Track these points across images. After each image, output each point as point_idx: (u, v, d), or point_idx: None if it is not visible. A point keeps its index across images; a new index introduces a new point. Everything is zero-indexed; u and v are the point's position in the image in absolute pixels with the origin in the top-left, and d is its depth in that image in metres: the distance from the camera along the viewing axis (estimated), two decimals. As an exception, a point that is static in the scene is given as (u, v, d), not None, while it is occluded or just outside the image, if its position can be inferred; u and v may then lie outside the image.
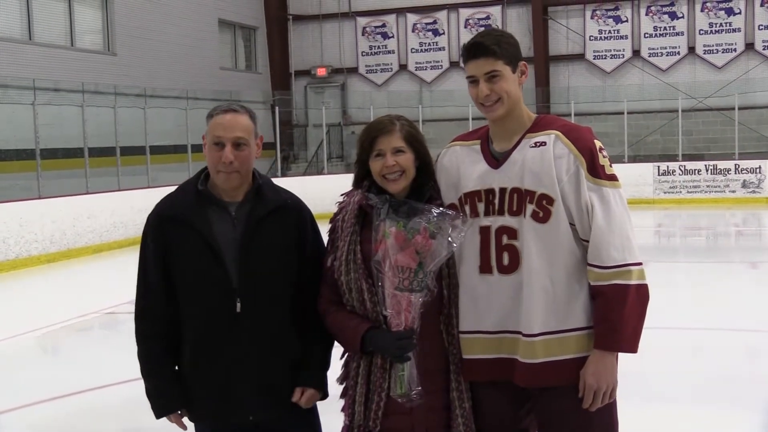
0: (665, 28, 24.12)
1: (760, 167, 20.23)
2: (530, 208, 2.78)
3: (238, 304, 2.88)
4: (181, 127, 19.77)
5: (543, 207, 2.77)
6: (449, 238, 2.74)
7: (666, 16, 24.08)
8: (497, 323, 2.85)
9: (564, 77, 24.61)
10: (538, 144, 2.82)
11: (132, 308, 3.04)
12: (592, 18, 24.56)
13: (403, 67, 26.19)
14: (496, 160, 2.88)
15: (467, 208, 2.89)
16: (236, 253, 2.90)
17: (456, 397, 2.86)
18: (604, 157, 2.80)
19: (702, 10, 23.77)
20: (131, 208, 16.12)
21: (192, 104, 20.78)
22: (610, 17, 24.47)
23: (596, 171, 2.77)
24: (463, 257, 2.89)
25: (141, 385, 3.12)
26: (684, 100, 22.29)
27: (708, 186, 20.39)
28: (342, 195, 3.01)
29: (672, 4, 23.96)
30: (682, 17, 23.96)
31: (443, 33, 25.81)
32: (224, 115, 2.93)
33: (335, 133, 25.72)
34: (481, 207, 2.87)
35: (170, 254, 2.93)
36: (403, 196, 2.88)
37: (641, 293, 2.77)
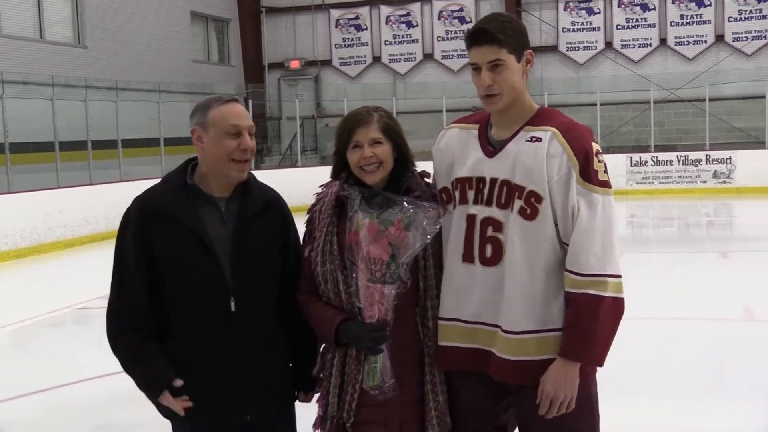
0: (637, 20, 24.26)
1: (730, 158, 20.41)
2: (518, 203, 2.71)
3: (233, 303, 2.82)
4: (153, 120, 19.63)
5: (531, 204, 2.70)
6: (423, 230, 2.70)
7: (638, 8, 24.22)
8: (475, 314, 2.81)
9: (537, 69, 24.65)
10: (534, 139, 2.73)
11: (105, 303, 2.96)
12: (565, 10, 24.65)
13: (376, 60, 26.16)
14: (492, 148, 2.81)
15: (457, 194, 2.84)
16: (228, 250, 2.82)
17: (430, 390, 2.84)
18: (599, 162, 2.71)
19: (673, 2, 23.93)
20: (103, 202, 15.99)
21: (164, 97, 20.64)
22: (582, 9, 24.57)
23: (588, 175, 2.68)
24: (448, 243, 2.85)
25: (113, 381, 3.07)
26: (656, 91, 22.43)
27: (680, 177, 20.54)
28: (321, 186, 2.98)
29: (646, -4, 24.10)
30: (654, 9, 24.11)
31: (417, 25, 25.79)
32: (233, 104, 2.86)
33: (309, 126, 25.64)
34: (470, 194, 2.81)
35: (156, 250, 2.81)
36: (381, 187, 2.85)
37: (616, 306, 2.69)
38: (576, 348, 2.68)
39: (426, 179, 2.96)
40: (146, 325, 2.85)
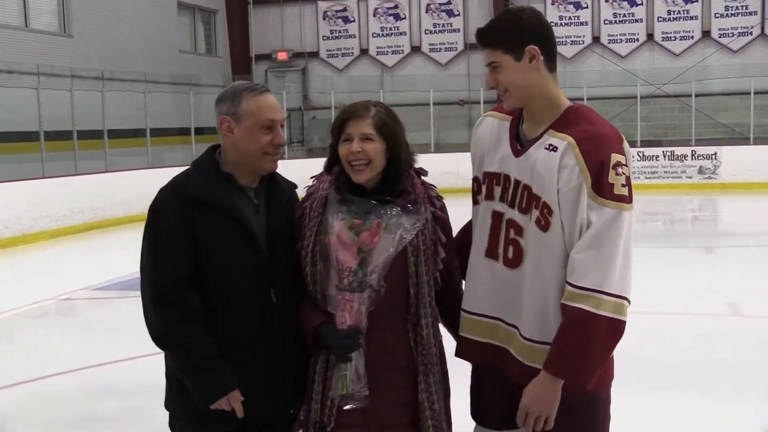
0: (624, 15, 24.29)
1: (716, 153, 20.50)
2: (535, 213, 2.63)
3: (273, 294, 2.76)
4: (139, 110, 19.56)
5: (545, 216, 2.61)
6: (400, 238, 2.61)
7: (625, 3, 24.25)
8: (494, 309, 2.77)
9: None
10: (551, 147, 2.61)
11: (90, 294, 2.90)
12: (552, 4, 24.64)
13: (364, 52, 26.10)
14: (520, 146, 2.72)
15: (484, 188, 2.79)
16: (264, 240, 2.76)
17: (426, 398, 2.76)
18: (617, 174, 2.53)
19: (662, -1, 23.98)
20: (88, 192, 15.92)
21: (150, 87, 20.55)
22: (570, 3, 24.58)
23: (601, 189, 2.52)
24: (475, 236, 2.82)
25: (97, 372, 3.00)
26: (643, 86, 22.50)
27: (665, 172, 20.62)
28: (312, 178, 2.88)
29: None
30: (641, 4, 24.14)
31: (404, 17, 25.75)
32: (266, 95, 2.80)
33: (296, 118, 25.58)
34: (497, 191, 2.75)
35: (199, 239, 2.70)
36: (372, 187, 2.74)
37: (611, 328, 2.54)
38: (559, 363, 2.56)
39: (423, 177, 2.84)
40: (200, 318, 2.70)
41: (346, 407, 2.68)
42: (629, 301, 2.59)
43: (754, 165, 20.14)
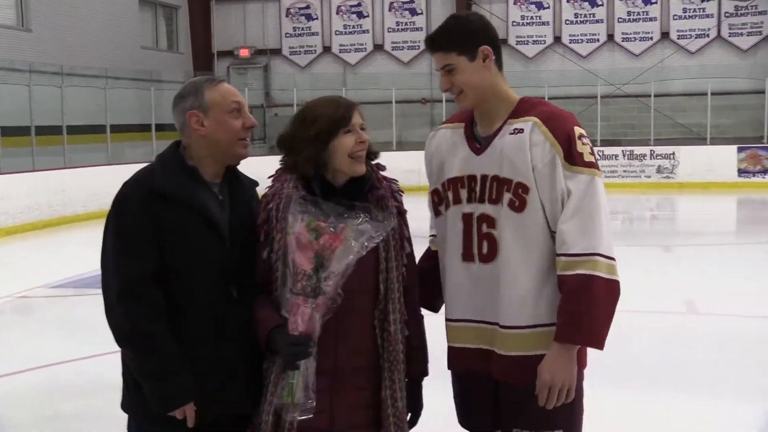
0: (585, 15, 24.52)
1: (674, 153, 20.78)
2: (507, 196, 2.71)
3: (234, 291, 2.72)
4: (99, 106, 19.35)
5: (519, 196, 2.69)
6: (362, 244, 2.53)
7: (586, 4, 24.48)
8: (478, 312, 2.81)
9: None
10: (516, 131, 2.73)
11: (48, 292, 2.83)
12: (515, 4, 24.81)
13: (327, 50, 26.07)
14: (478, 145, 2.81)
15: (450, 194, 2.84)
16: (228, 236, 2.73)
17: (389, 396, 2.70)
18: (583, 144, 2.69)
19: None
20: (47, 189, 15.72)
21: (111, 83, 20.34)
22: (532, 3, 24.76)
23: (573, 158, 2.66)
24: (447, 244, 2.85)
25: (55, 371, 2.93)
26: (603, 86, 22.73)
27: (625, 171, 20.86)
28: (271, 178, 2.79)
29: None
30: (602, 5, 24.38)
31: (367, 16, 25.75)
32: (225, 83, 2.80)
33: (258, 115, 25.45)
34: (464, 193, 2.81)
35: (163, 234, 2.65)
36: (343, 183, 2.69)
37: (611, 288, 2.65)
38: (571, 330, 2.63)
39: (382, 172, 2.80)
40: (164, 317, 2.65)
41: (289, 419, 2.57)
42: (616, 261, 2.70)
43: (711, 165, 20.45)
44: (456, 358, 2.90)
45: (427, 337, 2.88)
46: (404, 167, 13.42)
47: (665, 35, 24.05)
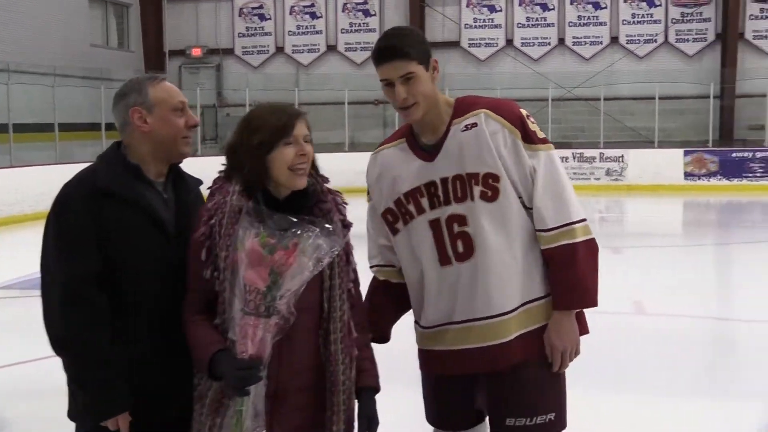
0: (537, 19, 24.77)
1: (623, 156, 21.08)
2: (477, 189, 2.78)
3: (180, 288, 2.62)
4: (47, 104, 19.05)
5: (490, 186, 2.77)
6: (317, 260, 2.41)
7: (538, 8, 24.73)
8: (463, 312, 2.85)
9: (440, 64, 24.85)
10: (469, 126, 2.80)
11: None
12: (467, 6, 24.97)
13: (279, 50, 25.98)
14: (428, 153, 2.85)
15: (411, 207, 2.86)
16: (174, 235, 2.68)
17: (329, 418, 2.57)
18: (532, 122, 2.84)
19: (572, 3, 24.53)
20: (-7, 188, 15.45)
21: (60, 81, 20.04)
22: (485, 6, 24.93)
23: (530, 138, 2.80)
24: (421, 254, 2.87)
25: (13, 373, 2.81)
26: (554, 89, 22.97)
27: (575, 173, 21.09)
28: (210, 189, 2.63)
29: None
30: (553, 9, 24.66)
31: (321, 16, 25.73)
32: (167, 82, 2.79)
33: (210, 115, 25.30)
34: (425, 202, 2.85)
35: (110, 233, 2.58)
36: (287, 197, 2.56)
37: (589, 248, 2.85)
38: (567, 297, 2.83)
39: (326, 184, 2.67)
40: (106, 322, 2.58)
41: None
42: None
43: (659, 167, 20.79)
44: (434, 361, 2.94)
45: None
46: (357, 168, 13.42)
47: (615, 40, 24.40)
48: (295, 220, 2.44)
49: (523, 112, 2.84)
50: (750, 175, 20.51)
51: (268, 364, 2.42)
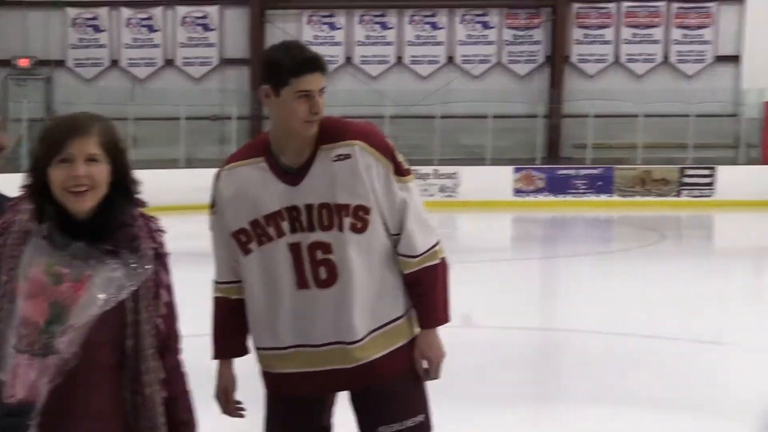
0: (377, 37, 25.17)
1: (456, 173, 21.73)
2: (347, 221, 2.80)
3: None
4: None
5: (360, 218, 2.81)
6: (110, 295, 2.14)
7: (377, 26, 25.12)
8: (324, 336, 2.87)
9: (280, 80, 24.86)
10: (342, 157, 2.81)
11: None
12: (308, 23, 25.10)
13: (114, 63, 25.24)
14: (291, 176, 2.83)
15: (271, 230, 2.84)
16: None
17: None
18: (398, 153, 2.92)
19: (410, 23, 25.07)
20: None
21: None
22: (325, 23, 25.14)
23: (400, 170, 2.88)
24: (278, 275, 2.86)
25: None
26: (391, 107, 23.41)
27: (411, 190, 21.54)
28: (11, 205, 2.33)
29: (383, 15, 25.07)
30: (393, 28, 25.13)
31: (158, 30, 25.24)
32: None
33: (38, 130, 24.06)
34: (285, 225, 2.83)
35: None
36: (84, 218, 2.22)
37: (445, 266, 3.00)
38: (435, 316, 2.99)
39: (142, 209, 2.35)
40: None
41: None
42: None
43: (490, 184, 21.55)
44: (287, 382, 2.95)
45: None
46: (195, 184, 13.23)
47: (451, 59, 25.08)
48: (95, 249, 2.16)
49: (390, 142, 2.92)
50: (574, 191, 21.62)
51: (45, 409, 2.12)
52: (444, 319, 3.03)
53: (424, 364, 2.99)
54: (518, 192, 21.63)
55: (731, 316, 9.90)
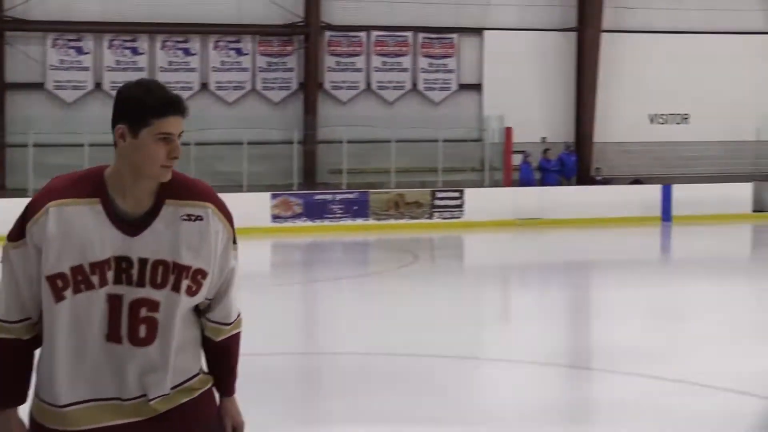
0: (127, 63, 24.49)
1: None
2: (185, 283, 2.70)
3: None
4: None
5: (197, 281, 2.73)
6: None
7: (128, 51, 24.50)
8: (127, 391, 2.72)
9: (23, 106, 23.66)
10: (193, 217, 2.71)
11: None
12: (53, 47, 24.03)
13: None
14: (129, 225, 2.67)
15: (94, 278, 2.63)
16: None
17: None
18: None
19: (162, 48, 24.63)
20: None
21: None
22: (72, 48, 24.18)
23: (235, 239, 2.87)
24: (85, 326, 2.66)
25: None
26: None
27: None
28: None
29: (134, 40, 24.49)
30: (143, 53, 24.56)
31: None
32: None
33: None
34: (110, 275, 2.65)
35: None
36: None
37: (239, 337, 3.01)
38: (234, 383, 3.00)
39: None
40: None
41: None
42: None
43: (248, 212, 21.08)
44: None
45: None
46: None
47: (205, 86, 24.89)
48: None
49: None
50: (331, 215, 22.08)
51: None
52: (235, 385, 3.07)
53: (238, 428, 3.00)
54: (276, 218, 21.76)
55: (484, 331, 10.52)
